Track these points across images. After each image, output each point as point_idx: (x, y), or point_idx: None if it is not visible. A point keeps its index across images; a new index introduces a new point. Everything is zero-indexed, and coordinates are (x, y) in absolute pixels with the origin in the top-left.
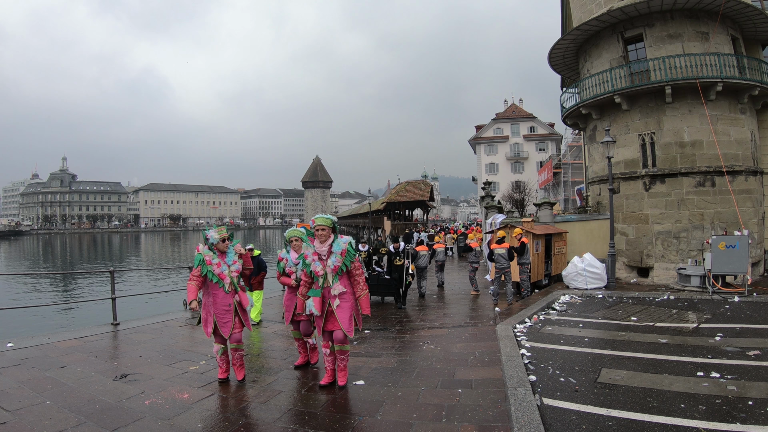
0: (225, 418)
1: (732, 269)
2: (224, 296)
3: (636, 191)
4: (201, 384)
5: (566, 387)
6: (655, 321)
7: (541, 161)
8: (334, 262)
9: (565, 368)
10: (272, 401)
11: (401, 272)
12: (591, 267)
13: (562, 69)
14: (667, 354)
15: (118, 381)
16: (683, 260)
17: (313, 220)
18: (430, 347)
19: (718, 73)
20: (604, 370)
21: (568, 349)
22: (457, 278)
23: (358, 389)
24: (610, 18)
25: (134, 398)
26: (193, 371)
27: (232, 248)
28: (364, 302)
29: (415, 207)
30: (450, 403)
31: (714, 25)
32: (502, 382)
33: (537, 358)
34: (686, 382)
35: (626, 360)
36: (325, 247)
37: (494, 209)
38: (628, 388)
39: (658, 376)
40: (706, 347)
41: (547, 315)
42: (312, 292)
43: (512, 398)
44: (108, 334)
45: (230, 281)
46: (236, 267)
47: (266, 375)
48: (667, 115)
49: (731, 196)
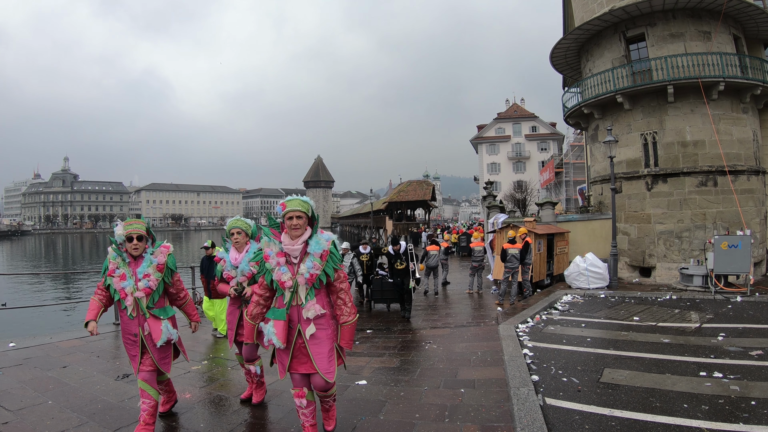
0: (228, 417)
1: (734, 269)
2: (128, 322)
3: (638, 191)
4: (203, 383)
5: (569, 387)
6: (658, 321)
7: (543, 161)
8: (309, 269)
9: (568, 368)
10: (275, 400)
11: (404, 277)
12: (593, 267)
13: (564, 68)
14: (670, 354)
15: (120, 381)
16: (685, 260)
17: (283, 204)
18: (432, 347)
19: (721, 73)
20: (607, 370)
21: (570, 349)
22: (459, 278)
23: (361, 389)
24: (611, 17)
25: (136, 398)
26: (194, 371)
27: (149, 254)
28: (347, 333)
29: (417, 207)
30: (453, 403)
31: (716, 24)
32: (504, 382)
33: (539, 357)
34: (689, 382)
35: (629, 360)
36: (298, 245)
37: (496, 209)
38: (630, 388)
39: (660, 376)
40: (709, 347)
41: (550, 315)
42: (273, 313)
43: (515, 398)
44: (110, 334)
45: (133, 302)
46: (147, 283)
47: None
48: (669, 115)
49: (733, 195)
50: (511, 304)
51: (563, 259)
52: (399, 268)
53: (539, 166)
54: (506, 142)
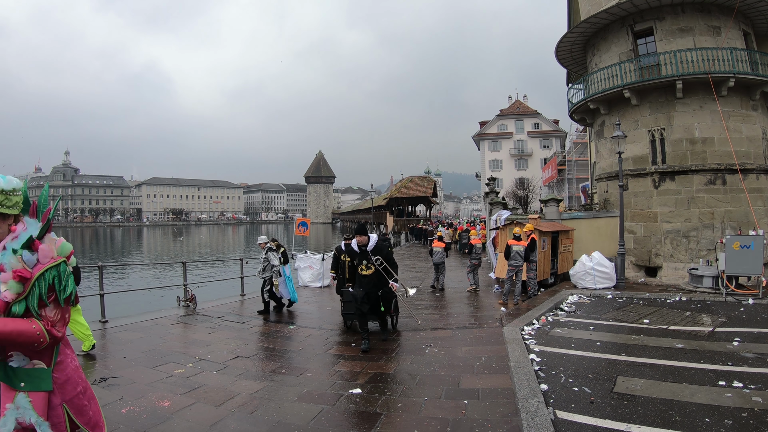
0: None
1: (746, 270)
2: None
3: (645, 188)
4: (185, 390)
5: (581, 397)
6: (669, 324)
7: (545, 158)
8: None
9: (579, 376)
10: (258, 412)
11: (372, 289)
12: (600, 266)
13: (569, 63)
14: (685, 360)
15: (97, 385)
16: (692, 260)
17: None
18: (433, 350)
19: (731, 68)
20: (620, 379)
21: (580, 354)
22: (461, 275)
23: (354, 399)
24: (619, 10)
25: (111, 405)
26: (178, 375)
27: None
28: None
29: (418, 203)
30: (455, 416)
31: (725, 19)
32: (511, 392)
33: (548, 364)
34: (708, 392)
35: (642, 367)
36: None
37: (499, 205)
38: (647, 400)
39: (678, 386)
40: (725, 353)
41: (556, 316)
42: None
43: (523, 411)
44: (95, 333)
45: None
46: None
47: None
48: (678, 111)
49: (742, 195)
50: (515, 304)
51: (568, 258)
52: (364, 274)
53: (541, 163)
54: (508, 138)
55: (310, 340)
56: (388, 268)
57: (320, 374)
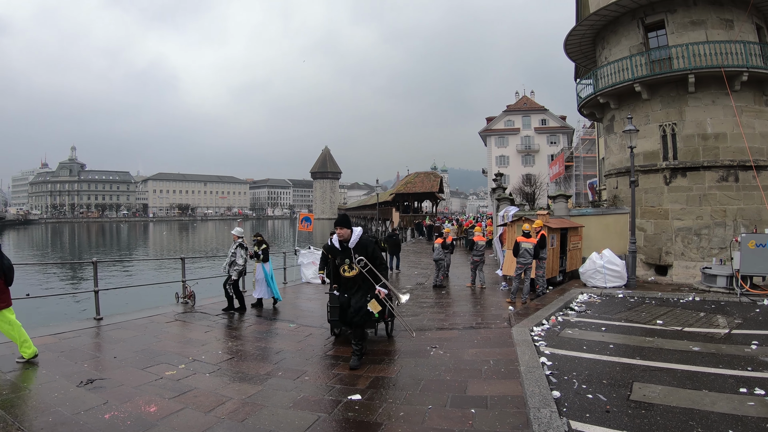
0: None
1: (762, 270)
2: None
3: (655, 185)
4: (173, 394)
5: (596, 406)
6: (683, 325)
7: (553, 154)
8: None
9: (592, 381)
10: (249, 420)
11: (355, 294)
12: (610, 264)
13: (578, 57)
14: (703, 365)
15: (82, 387)
16: (704, 258)
17: None
18: (438, 352)
19: (744, 62)
20: (637, 385)
21: (592, 358)
22: (467, 273)
23: (353, 406)
24: (630, 2)
25: (94, 410)
26: (168, 377)
27: None
28: None
29: (425, 199)
30: (461, 428)
31: (738, 12)
32: (522, 400)
33: (559, 368)
34: (730, 400)
35: (659, 372)
36: None
37: (506, 201)
38: (666, 408)
39: (697, 393)
40: (744, 357)
41: (566, 316)
42: None
43: (535, 422)
44: (88, 331)
45: None
46: None
47: None
48: (690, 106)
49: (755, 192)
50: (523, 303)
51: (577, 255)
52: (347, 276)
53: (548, 159)
54: (515, 134)
55: (310, 340)
56: (373, 270)
57: (318, 378)
